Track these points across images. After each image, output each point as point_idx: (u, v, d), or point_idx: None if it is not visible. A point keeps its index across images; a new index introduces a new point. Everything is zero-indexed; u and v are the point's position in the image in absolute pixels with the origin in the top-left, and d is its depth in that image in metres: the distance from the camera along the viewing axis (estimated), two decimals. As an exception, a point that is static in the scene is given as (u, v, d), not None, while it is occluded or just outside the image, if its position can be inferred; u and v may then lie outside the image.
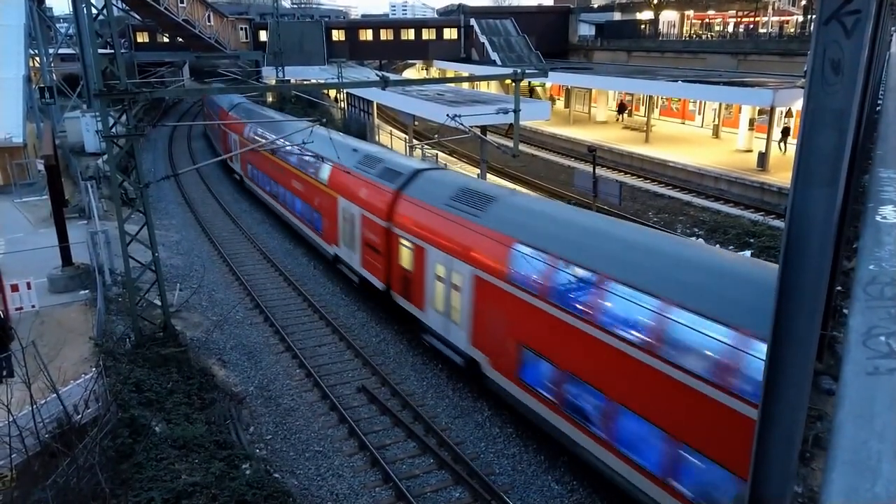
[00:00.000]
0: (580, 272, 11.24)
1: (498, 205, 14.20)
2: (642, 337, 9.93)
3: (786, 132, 35.11)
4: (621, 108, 49.83)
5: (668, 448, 9.69)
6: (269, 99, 50.89)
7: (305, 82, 51.59)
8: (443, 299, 15.07)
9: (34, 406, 9.44)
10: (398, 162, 19.23)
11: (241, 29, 62.60)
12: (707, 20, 64.89)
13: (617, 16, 67.06)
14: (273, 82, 51.43)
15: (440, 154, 37.08)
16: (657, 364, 9.67)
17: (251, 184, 32.12)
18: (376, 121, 45.51)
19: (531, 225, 13.08)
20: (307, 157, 22.67)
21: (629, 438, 10.33)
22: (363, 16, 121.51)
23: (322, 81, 49.66)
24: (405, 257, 16.50)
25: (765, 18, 55.97)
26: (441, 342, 15.44)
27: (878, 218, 4.38)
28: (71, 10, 39.31)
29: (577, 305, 11.09)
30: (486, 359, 13.79)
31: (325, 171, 21.45)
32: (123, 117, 15.20)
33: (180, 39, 57.98)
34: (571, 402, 11.36)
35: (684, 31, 63.81)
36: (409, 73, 76.68)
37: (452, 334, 14.84)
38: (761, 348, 8.27)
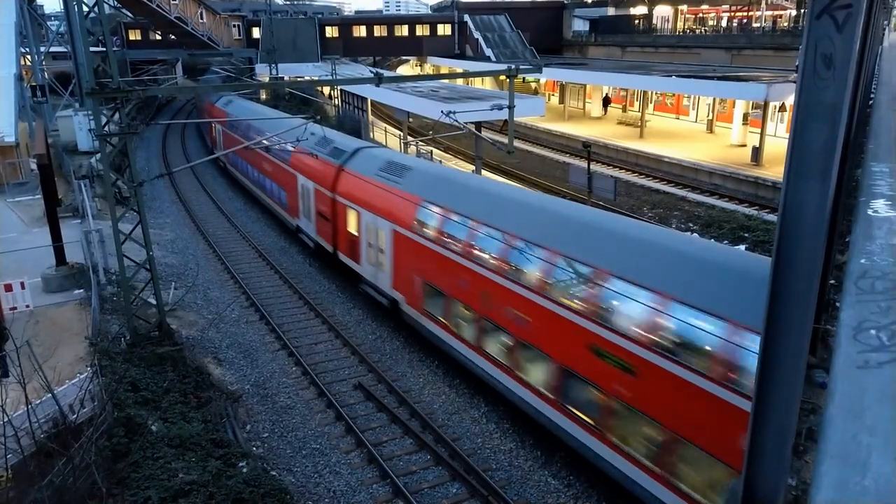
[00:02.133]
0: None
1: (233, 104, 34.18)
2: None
3: (745, 117, 37.58)
4: (605, 101, 50.53)
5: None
6: (263, 96, 50.70)
7: (299, 79, 51.50)
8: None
9: (29, 406, 9.39)
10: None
11: (234, 26, 62.30)
12: (701, 15, 64.91)
13: (611, 11, 66.99)
14: (266, 79, 51.29)
15: (435, 151, 37.03)
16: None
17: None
18: (371, 118, 45.40)
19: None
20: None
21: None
22: (357, 12, 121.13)
23: (316, 78, 49.60)
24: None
25: (758, 13, 56.00)
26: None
27: (869, 212, 4.40)
28: (62, 7, 39.04)
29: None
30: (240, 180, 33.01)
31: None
32: (116, 115, 15.14)
33: (173, 37, 57.68)
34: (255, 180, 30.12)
35: (678, 27, 63.83)
36: (404, 70, 76.53)
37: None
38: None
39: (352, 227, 19.19)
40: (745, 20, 58.23)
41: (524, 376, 12.46)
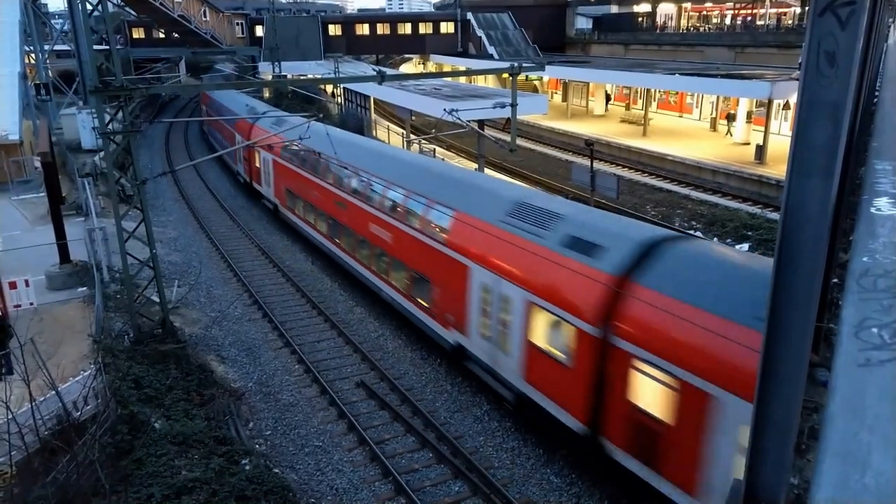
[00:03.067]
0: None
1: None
2: None
3: (730, 117, 39.24)
4: (607, 98, 51.07)
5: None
6: (266, 95, 50.75)
7: (302, 77, 51.54)
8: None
9: (33, 403, 9.43)
10: None
11: (238, 24, 62.39)
12: (704, 12, 64.72)
13: (614, 9, 66.83)
14: (269, 77, 51.34)
15: (438, 149, 37.02)
16: None
17: None
18: (374, 116, 45.41)
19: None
20: None
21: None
22: (360, 10, 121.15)
23: (319, 76, 49.62)
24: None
25: (762, 10, 55.79)
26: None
27: (872, 210, 4.38)
28: (66, 6, 39.12)
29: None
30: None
31: None
32: (120, 114, 15.16)
33: (176, 35, 57.78)
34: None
35: (682, 24, 63.65)
36: (406, 68, 76.48)
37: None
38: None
39: (258, 164, 29.19)
40: (749, 18, 58.04)
41: (314, 223, 22.87)
